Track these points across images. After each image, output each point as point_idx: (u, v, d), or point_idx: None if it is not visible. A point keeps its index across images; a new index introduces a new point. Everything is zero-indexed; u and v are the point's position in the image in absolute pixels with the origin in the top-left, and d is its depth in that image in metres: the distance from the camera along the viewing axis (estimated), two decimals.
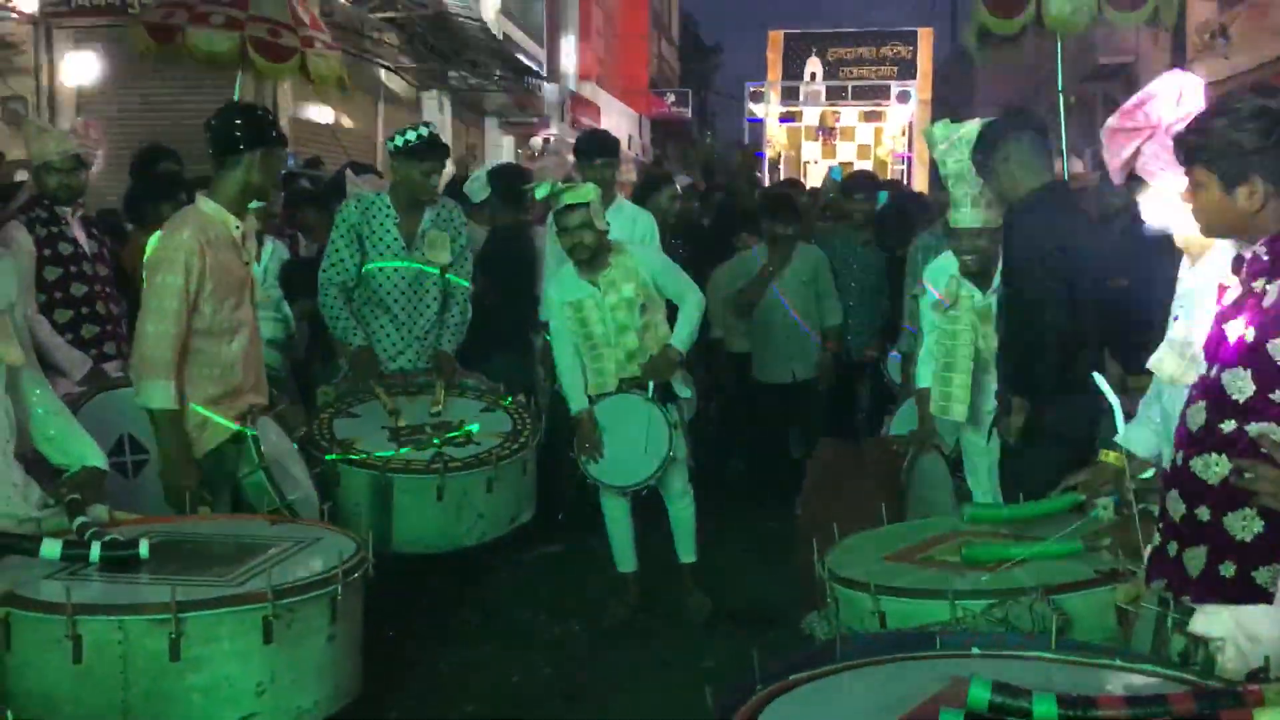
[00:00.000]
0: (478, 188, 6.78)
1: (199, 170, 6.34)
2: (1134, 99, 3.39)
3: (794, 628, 3.85)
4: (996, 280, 4.44)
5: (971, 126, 4.41)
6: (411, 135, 5.16)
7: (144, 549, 3.07)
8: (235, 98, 6.46)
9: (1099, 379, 3.14)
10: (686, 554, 5.16)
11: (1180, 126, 2.65)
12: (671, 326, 4.99)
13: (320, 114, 13.24)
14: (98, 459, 3.53)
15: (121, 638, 2.77)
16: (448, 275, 5.34)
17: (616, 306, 4.86)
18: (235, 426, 3.90)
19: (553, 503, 5.80)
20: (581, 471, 5.04)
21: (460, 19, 13.46)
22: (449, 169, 8.13)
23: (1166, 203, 3.19)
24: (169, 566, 3.08)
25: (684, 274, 5.08)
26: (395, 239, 5.24)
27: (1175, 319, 3.15)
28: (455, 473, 4.54)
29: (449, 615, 5.04)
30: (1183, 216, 2.92)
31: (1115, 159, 3.40)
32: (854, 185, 7.44)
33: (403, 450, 4.64)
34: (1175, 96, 3.25)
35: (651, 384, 4.89)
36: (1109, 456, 3.20)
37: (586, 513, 6.05)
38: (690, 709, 1.95)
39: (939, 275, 4.76)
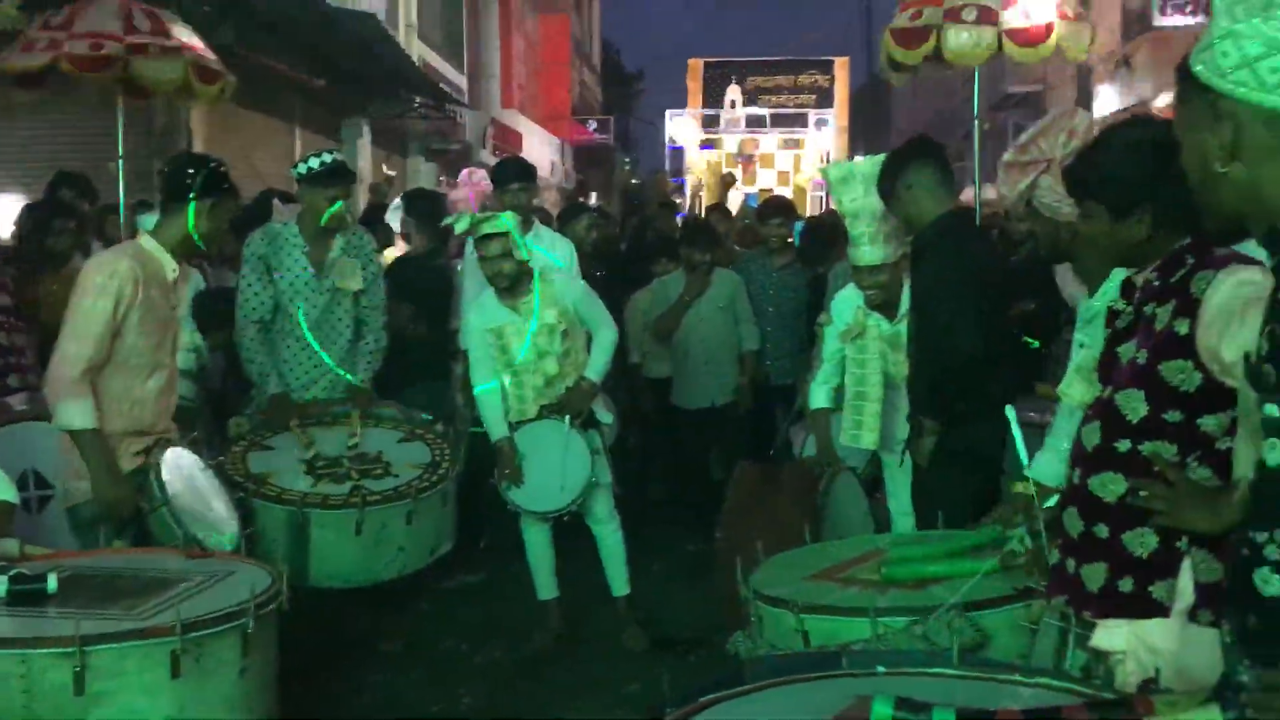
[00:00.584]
0: (398, 215, 6.77)
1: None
2: (1027, 133, 3.50)
3: (717, 650, 3.88)
4: (903, 308, 4.54)
5: (864, 163, 4.50)
6: (315, 161, 5.09)
7: (52, 583, 3.03)
8: (118, 126, 6.42)
9: (1010, 413, 3.21)
10: (620, 586, 5.15)
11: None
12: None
13: (234, 142, 13.08)
14: (7, 493, 3.47)
15: (24, 671, 2.73)
16: (360, 303, 5.31)
17: (538, 333, 4.88)
18: (132, 467, 3.85)
19: (474, 531, 5.78)
20: (503, 498, 5.03)
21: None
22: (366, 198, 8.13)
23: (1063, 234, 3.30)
24: (77, 600, 3.03)
25: (602, 306, 5.13)
26: (305, 268, 5.16)
27: (1081, 346, 3.25)
28: (374, 506, 4.50)
29: (370, 645, 4.99)
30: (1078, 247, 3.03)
31: (1012, 191, 3.50)
32: (769, 211, 7.53)
33: (319, 484, 4.60)
34: (1068, 130, 3.36)
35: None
36: (1018, 487, 3.26)
37: (508, 540, 6.05)
38: None
39: (845, 306, 4.85)
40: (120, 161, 6.66)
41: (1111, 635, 2.41)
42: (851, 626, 2.93)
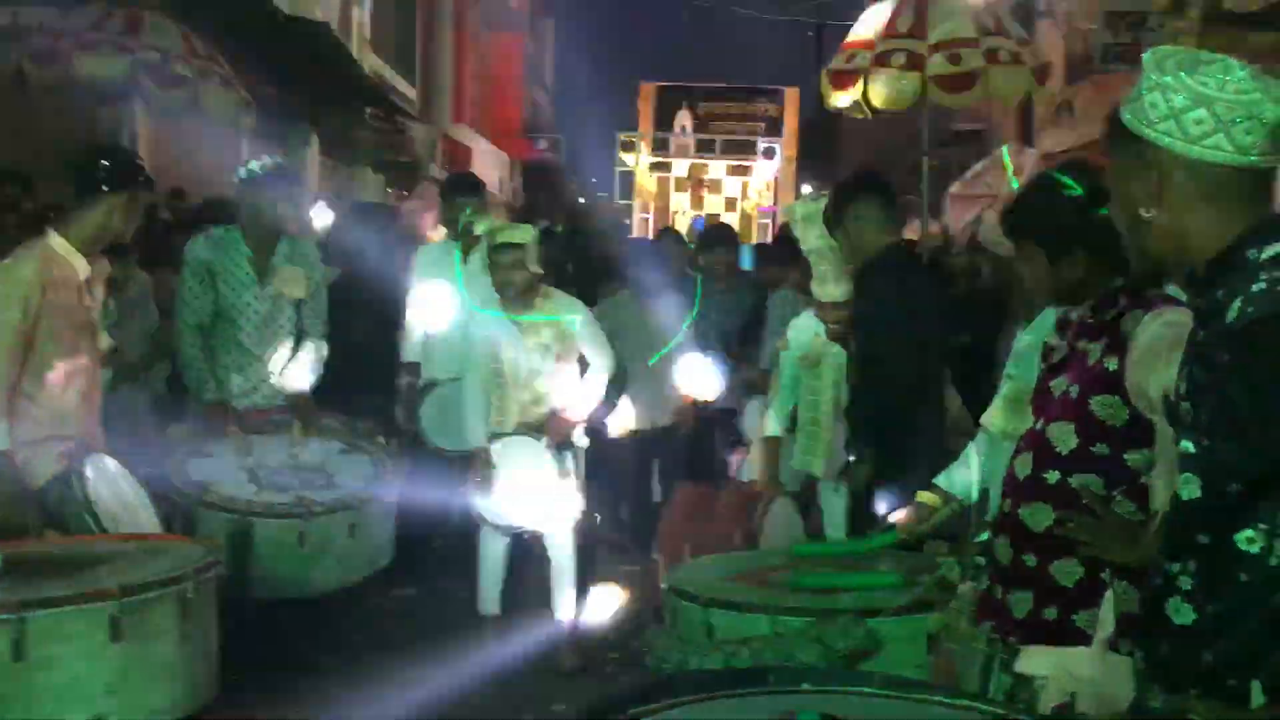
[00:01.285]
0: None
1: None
2: (974, 169, 3.62)
3: (649, 672, 3.90)
4: None
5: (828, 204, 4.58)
6: (256, 165, 5.10)
7: None
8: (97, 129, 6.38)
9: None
10: (565, 609, 5.16)
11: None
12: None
13: (181, 145, 12.92)
14: None
15: None
16: (303, 311, 5.28)
17: (533, 350, 4.90)
18: (54, 471, 3.79)
19: (411, 545, 5.76)
20: (465, 508, 5.04)
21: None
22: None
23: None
24: (18, 575, 3.03)
25: (603, 337, 5.17)
26: (247, 273, 5.15)
27: (1009, 378, 3.35)
28: (318, 517, 4.48)
29: (299, 659, 4.93)
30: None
31: (957, 224, 3.61)
32: (712, 240, 7.56)
33: (262, 493, 4.55)
34: (1013, 168, 3.48)
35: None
36: (925, 497, 3.39)
37: (444, 557, 6.04)
38: None
39: (803, 333, 4.93)
40: None
41: (1035, 661, 2.49)
42: (753, 623, 3.07)
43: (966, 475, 3.37)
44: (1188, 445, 1.66)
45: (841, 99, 6.74)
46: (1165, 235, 1.73)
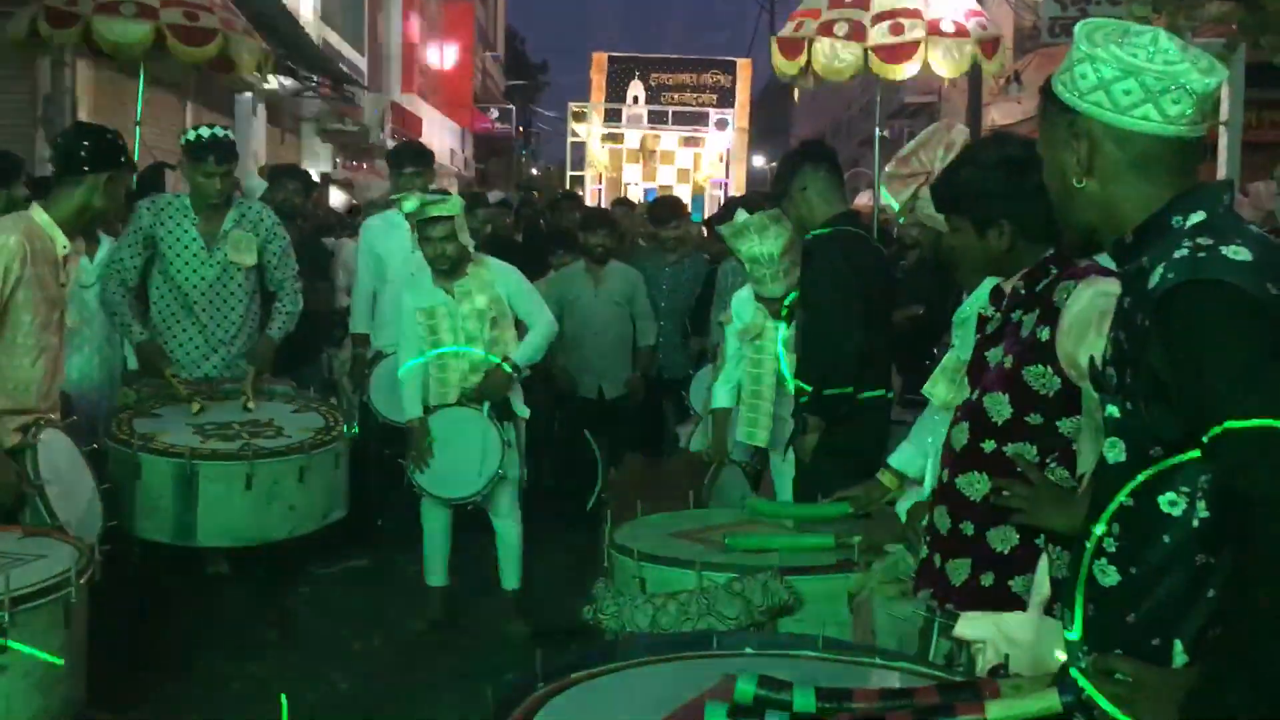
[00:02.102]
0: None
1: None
2: (907, 147, 3.65)
3: (598, 639, 3.92)
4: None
5: (754, 218, 4.64)
6: (193, 135, 5.06)
7: None
8: (39, 90, 6.30)
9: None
10: (510, 579, 5.17)
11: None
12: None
13: (122, 111, 12.72)
14: None
15: None
16: (270, 275, 5.27)
17: (468, 316, 4.89)
18: (8, 445, 3.76)
19: (360, 515, 5.75)
20: (406, 481, 5.03)
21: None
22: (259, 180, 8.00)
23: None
24: None
25: (539, 299, 5.15)
26: (194, 239, 5.12)
27: (951, 347, 3.40)
28: (265, 460, 4.45)
29: (245, 629, 4.93)
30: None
31: (896, 202, 3.65)
32: (663, 212, 7.54)
33: (209, 441, 4.52)
34: (945, 144, 3.51)
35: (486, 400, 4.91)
36: (884, 477, 3.45)
37: (392, 528, 6.04)
38: (487, 717, 2.01)
39: (744, 306, 4.96)
40: None
41: (973, 626, 2.53)
42: (680, 577, 3.19)
43: (915, 455, 3.42)
44: (1113, 410, 1.69)
45: (790, 68, 6.76)
46: (1095, 204, 1.76)
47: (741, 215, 4.71)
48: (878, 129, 7.57)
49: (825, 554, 3.32)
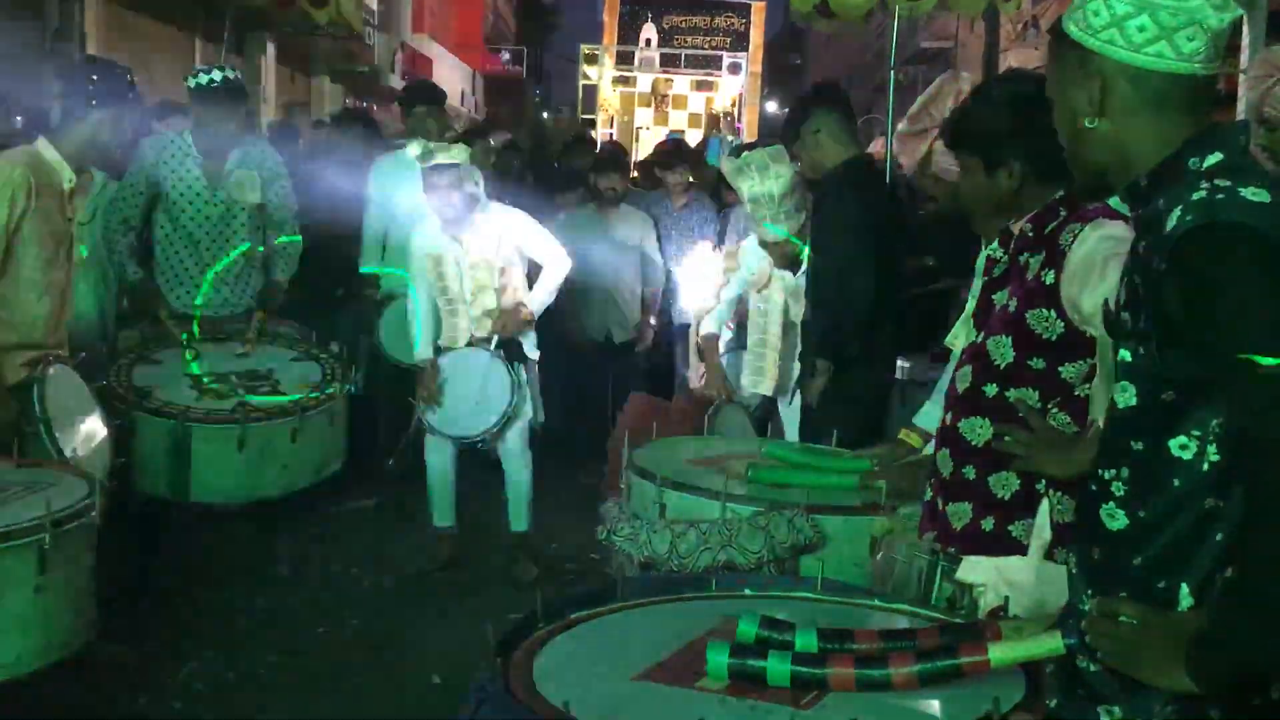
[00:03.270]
0: None
1: None
2: (916, 103, 3.59)
3: (602, 578, 3.94)
4: (806, 263, 4.63)
5: (755, 154, 4.57)
6: (204, 77, 5.02)
7: None
8: (49, 24, 6.23)
9: None
10: (519, 522, 5.18)
11: None
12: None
13: (131, 48, 12.63)
14: None
15: None
16: (268, 213, 5.25)
17: (476, 265, 4.86)
18: (15, 380, 3.78)
19: (368, 455, 5.77)
20: (416, 421, 5.03)
21: None
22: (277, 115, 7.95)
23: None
24: None
25: (550, 239, 5.09)
26: (197, 178, 5.10)
27: (972, 295, 3.36)
28: (256, 423, 4.47)
29: (256, 566, 4.98)
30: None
31: (910, 159, 3.59)
32: (671, 159, 7.48)
33: (203, 399, 4.54)
34: (954, 94, 3.45)
35: (498, 339, 4.90)
36: (909, 437, 3.35)
37: (401, 469, 6.06)
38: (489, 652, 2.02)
39: (752, 256, 4.93)
40: None
41: (974, 569, 2.54)
42: (703, 506, 3.15)
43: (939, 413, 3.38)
44: (1125, 354, 1.67)
45: (805, 5, 6.72)
46: (1107, 145, 1.73)
47: (746, 154, 4.65)
48: (892, 72, 7.47)
49: (849, 494, 3.27)
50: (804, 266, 4.64)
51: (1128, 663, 1.62)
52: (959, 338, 3.24)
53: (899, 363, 4.68)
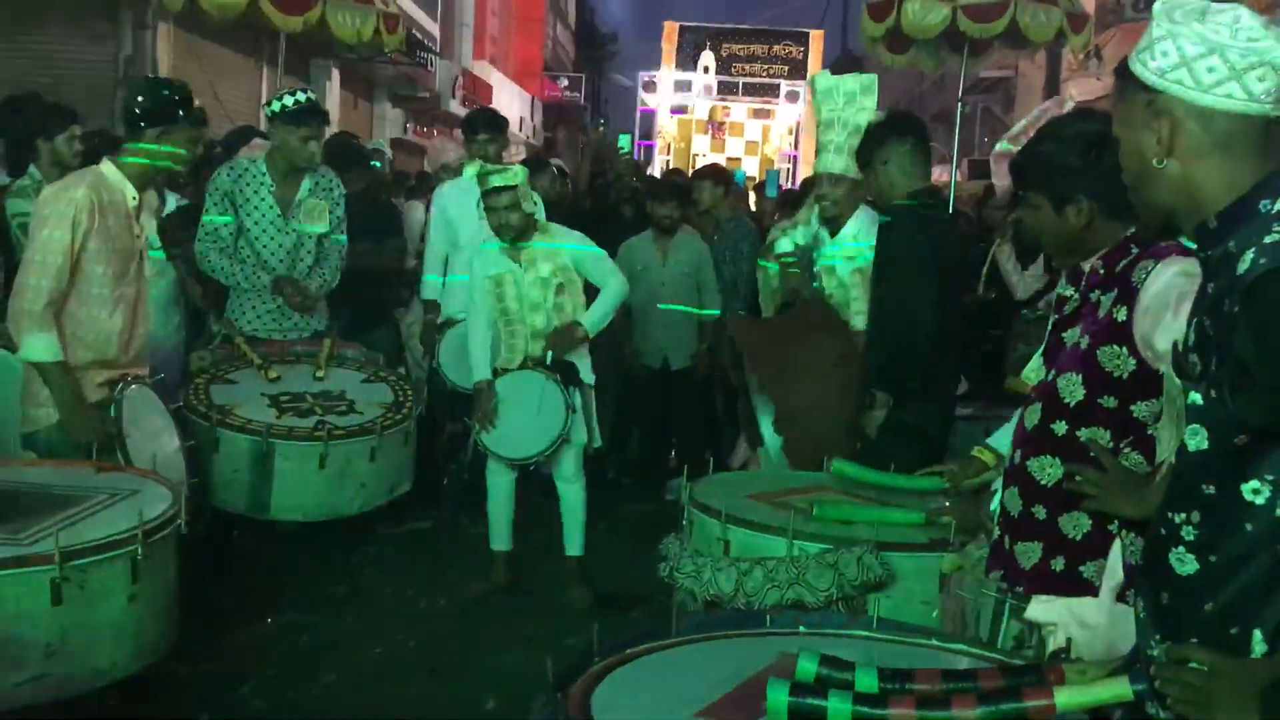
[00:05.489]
0: None
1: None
2: (1018, 125, 3.57)
3: (658, 609, 3.93)
4: (846, 228, 4.73)
5: (849, 79, 4.60)
6: (289, 100, 5.05)
7: None
8: (121, 51, 6.39)
9: None
10: (574, 546, 5.20)
11: None
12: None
13: (201, 74, 12.91)
14: None
15: None
16: (322, 243, 5.31)
17: (533, 284, 4.91)
18: (94, 399, 3.85)
19: (426, 478, 5.81)
20: (473, 442, 5.07)
21: None
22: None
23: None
24: None
25: (608, 260, 5.14)
26: (271, 206, 5.16)
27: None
28: (339, 440, 4.53)
29: (314, 586, 5.03)
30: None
31: (1003, 180, 3.56)
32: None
33: (284, 417, 4.60)
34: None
35: (553, 361, 4.93)
36: (981, 453, 3.32)
37: (457, 491, 6.10)
38: (546, 683, 2.02)
39: (784, 244, 5.21)
40: None
41: (1045, 609, 2.49)
42: (770, 544, 3.11)
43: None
44: (1196, 397, 1.65)
45: (875, 30, 6.82)
46: (1176, 186, 1.72)
47: (841, 77, 4.74)
48: (960, 104, 7.47)
49: (916, 531, 3.24)
50: (843, 231, 4.77)
51: (1199, 710, 1.59)
52: (1035, 372, 3.22)
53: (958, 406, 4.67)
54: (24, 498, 3.24)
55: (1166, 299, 2.27)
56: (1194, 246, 1.81)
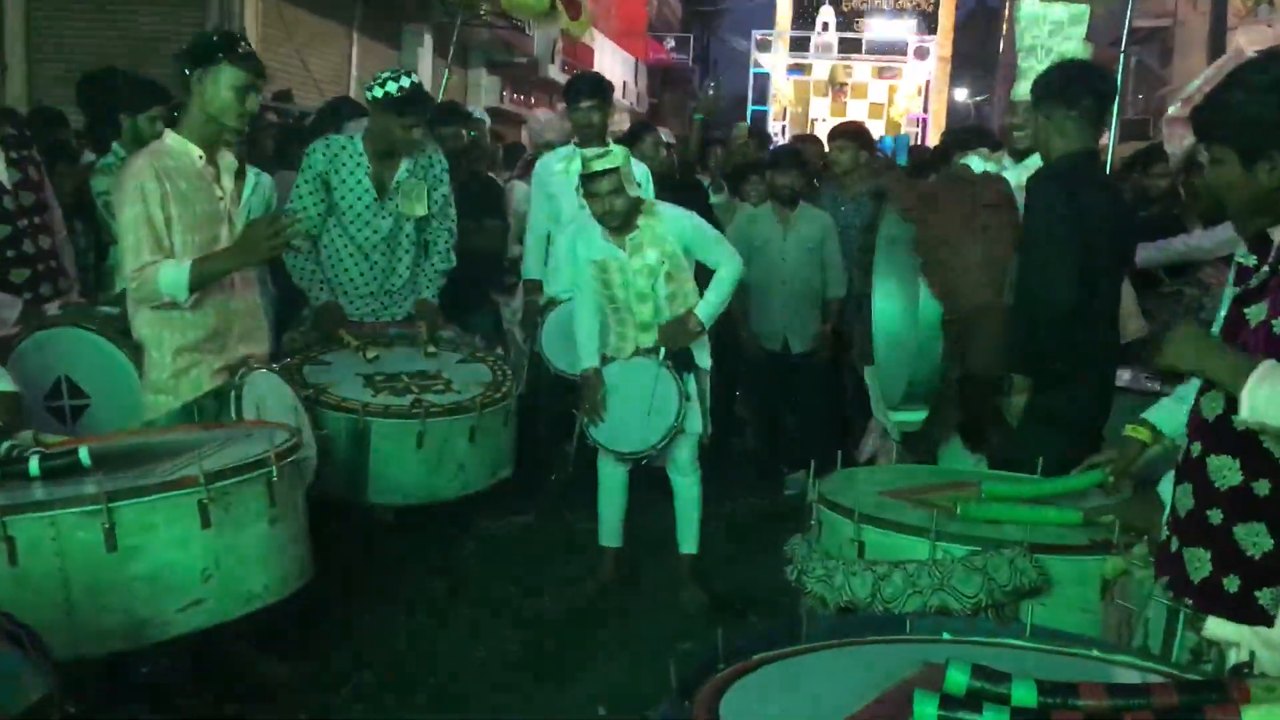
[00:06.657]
0: None
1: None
2: (1191, 85, 3.43)
3: (776, 611, 3.90)
4: (1029, 160, 4.66)
5: (1057, 7, 4.53)
6: (393, 86, 5.06)
7: (84, 455, 3.17)
8: (208, 19, 6.49)
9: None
10: (687, 544, 5.19)
11: None
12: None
13: (289, 43, 13.20)
14: (5, 384, 3.57)
15: (54, 534, 2.92)
16: (430, 225, 5.37)
17: (639, 272, 4.88)
18: (212, 385, 3.99)
19: (529, 469, 5.87)
20: (579, 434, 5.10)
21: None
22: None
23: None
24: (107, 468, 3.18)
25: (721, 240, 5.07)
26: (367, 189, 5.22)
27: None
28: (437, 418, 4.60)
29: (416, 585, 5.11)
30: None
31: (1179, 148, 3.43)
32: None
33: (379, 395, 4.68)
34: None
35: (664, 350, 4.90)
36: (1137, 432, 3.19)
37: (562, 483, 6.15)
38: (661, 688, 2.01)
39: (975, 161, 5.12)
40: None
41: (1224, 627, 2.39)
42: (910, 546, 3.04)
43: (1179, 412, 3.21)
44: None
45: None
46: None
47: (1050, 5, 4.79)
48: (1122, 55, 7.18)
49: (1074, 531, 3.13)
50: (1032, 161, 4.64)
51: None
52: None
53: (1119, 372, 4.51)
54: (153, 447, 3.49)
55: None
56: None
